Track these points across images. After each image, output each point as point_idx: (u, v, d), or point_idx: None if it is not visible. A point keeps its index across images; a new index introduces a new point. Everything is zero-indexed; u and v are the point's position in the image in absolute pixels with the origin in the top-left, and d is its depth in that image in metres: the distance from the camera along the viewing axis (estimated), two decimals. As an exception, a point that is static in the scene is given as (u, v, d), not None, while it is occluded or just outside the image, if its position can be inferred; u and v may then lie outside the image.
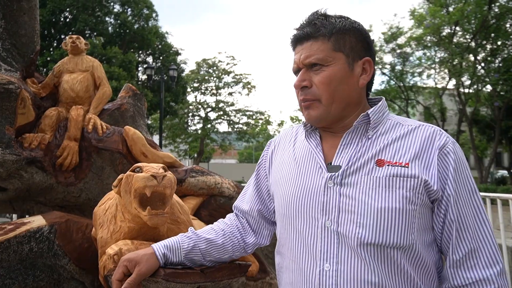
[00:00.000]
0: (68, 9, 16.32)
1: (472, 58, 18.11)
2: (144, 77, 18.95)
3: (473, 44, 17.67)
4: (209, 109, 27.44)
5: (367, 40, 1.20)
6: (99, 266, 1.73)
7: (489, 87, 18.37)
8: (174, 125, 26.39)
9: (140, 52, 19.49)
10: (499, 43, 17.36)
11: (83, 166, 2.58)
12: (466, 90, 18.84)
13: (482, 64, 18.27)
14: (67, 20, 16.79)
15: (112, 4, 17.85)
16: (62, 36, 16.20)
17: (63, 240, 2.07)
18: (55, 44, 16.39)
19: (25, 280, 2.00)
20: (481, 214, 1.09)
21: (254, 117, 27.81)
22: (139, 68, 19.52)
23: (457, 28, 17.89)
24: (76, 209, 2.69)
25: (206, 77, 27.07)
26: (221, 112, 27.47)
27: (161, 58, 19.83)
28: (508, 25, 16.94)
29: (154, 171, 1.60)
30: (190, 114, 27.54)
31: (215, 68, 27.24)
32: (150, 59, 20.00)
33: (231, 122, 27.66)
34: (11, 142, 2.34)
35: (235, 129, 27.84)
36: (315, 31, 1.16)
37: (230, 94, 27.60)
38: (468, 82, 18.47)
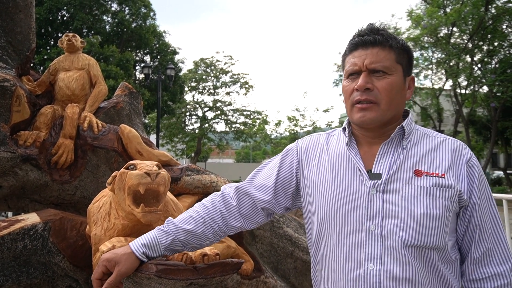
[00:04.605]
0: (65, 8, 16.30)
1: (468, 59, 18.18)
2: (142, 76, 18.96)
3: (470, 45, 17.74)
4: (206, 109, 27.43)
5: (413, 60, 1.33)
6: (92, 263, 1.74)
7: (485, 88, 18.44)
8: (171, 124, 26.36)
9: (138, 51, 19.48)
10: (495, 44, 17.45)
11: (78, 164, 2.58)
12: (463, 91, 18.91)
13: (479, 65, 18.34)
14: (65, 18, 16.77)
15: (109, 2, 17.83)
16: (60, 34, 16.17)
17: (57, 237, 2.07)
18: (52, 43, 16.35)
19: (19, 277, 2.00)
20: (496, 217, 1.26)
21: (251, 116, 27.79)
22: (137, 67, 19.51)
23: (454, 29, 17.96)
24: (71, 207, 2.69)
25: (204, 77, 27.06)
26: (219, 112, 27.46)
27: (158, 57, 19.82)
28: (504, 26, 17.03)
29: (148, 168, 1.60)
30: (188, 114, 27.52)
31: (212, 67, 27.23)
32: (147, 58, 19.98)
33: (229, 121, 27.65)
34: (5, 140, 2.34)
35: (233, 129, 27.82)
36: (384, 40, 1.24)
37: (228, 93, 27.60)
38: (464, 83, 18.56)
